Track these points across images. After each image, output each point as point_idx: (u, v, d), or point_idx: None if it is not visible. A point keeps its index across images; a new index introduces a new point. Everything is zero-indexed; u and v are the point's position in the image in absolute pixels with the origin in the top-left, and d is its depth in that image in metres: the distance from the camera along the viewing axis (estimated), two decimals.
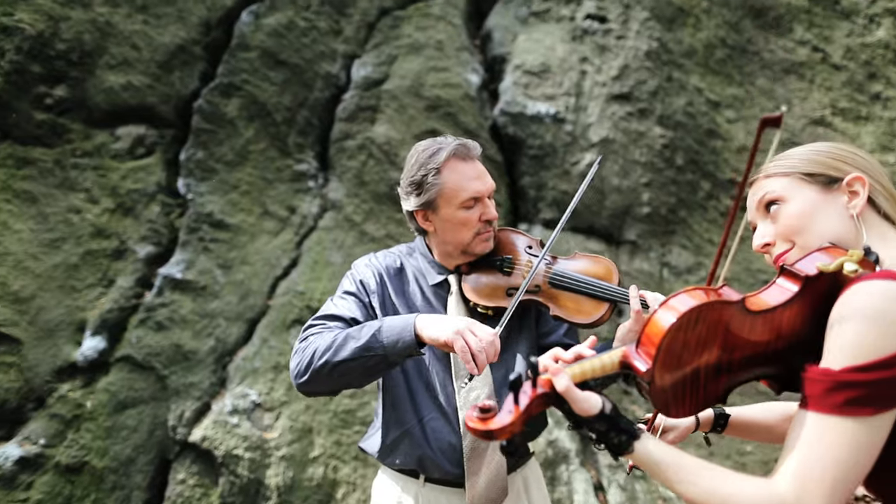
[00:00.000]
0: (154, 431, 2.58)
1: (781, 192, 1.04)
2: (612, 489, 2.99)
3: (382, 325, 1.42)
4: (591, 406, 0.93)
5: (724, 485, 0.89)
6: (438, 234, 1.61)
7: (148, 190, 3.07)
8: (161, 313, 2.79)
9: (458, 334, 1.32)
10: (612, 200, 3.74)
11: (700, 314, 0.93)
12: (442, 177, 1.54)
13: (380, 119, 3.60)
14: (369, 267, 1.66)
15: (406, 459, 1.56)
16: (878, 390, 0.81)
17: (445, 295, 1.63)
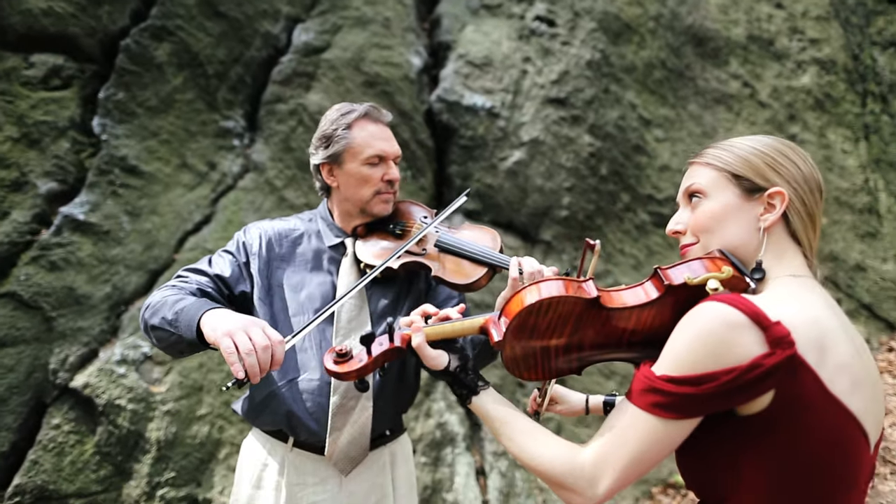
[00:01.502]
0: (33, 373, 2.50)
1: (706, 186, 1.06)
2: (492, 475, 3.12)
3: (186, 307, 1.38)
4: (439, 363, 1.12)
5: (535, 445, 1.02)
6: (341, 191, 1.67)
7: (59, 124, 2.93)
8: (56, 253, 2.69)
9: (227, 335, 1.23)
10: (534, 200, 3.85)
11: (552, 304, 1.02)
12: (351, 133, 1.63)
13: (315, 87, 3.56)
14: (258, 230, 1.70)
15: (274, 419, 1.59)
16: (684, 401, 0.90)
17: (340, 258, 1.68)
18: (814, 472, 0.89)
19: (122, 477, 2.50)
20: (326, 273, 1.66)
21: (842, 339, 0.92)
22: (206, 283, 1.58)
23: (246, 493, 1.62)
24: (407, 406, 1.76)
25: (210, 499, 2.59)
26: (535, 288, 1.05)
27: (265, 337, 1.22)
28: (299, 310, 1.61)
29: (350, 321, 1.62)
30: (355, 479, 1.62)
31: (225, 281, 1.60)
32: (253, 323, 1.26)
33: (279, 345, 1.23)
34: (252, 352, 1.20)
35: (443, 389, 3.21)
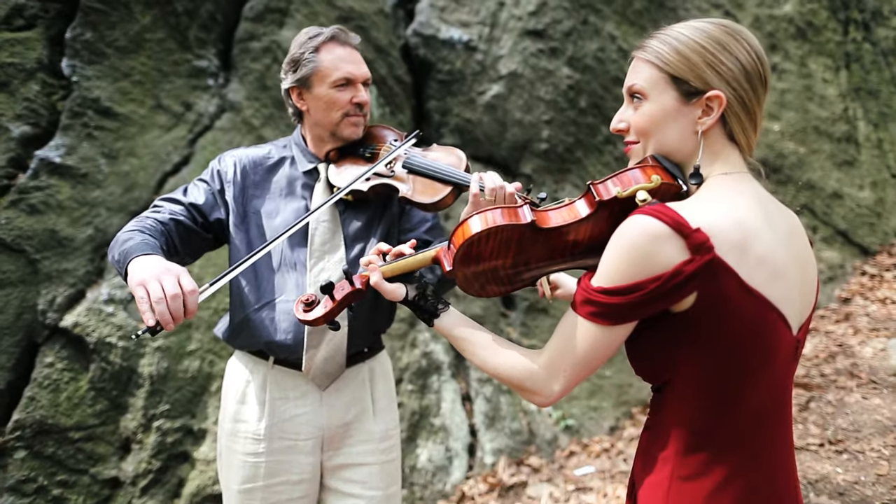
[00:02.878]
0: (22, 314, 2.54)
1: (646, 87, 1.07)
2: (478, 400, 3.24)
3: (127, 249, 1.39)
4: (397, 294, 1.22)
5: (496, 356, 1.13)
6: (311, 115, 1.69)
7: (26, 66, 2.88)
8: (35, 196, 2.69)
9: (140, 284, 1.24)
10: (513, 134, 3.86)
11: (491, 233, 1.09)
12: (318, 56, 1.64)
13: (288, 23, 3.49)
14: (233, 158, 1.73)
15: (252, 341, 1.65)
16: (616, 310, 0.98)
17: (313, 183, 1.71)
18: (734, 356, 0.98)
19: (118, 410, 2.58)
20: (300, 199, 1.70)
21: (764, 234, 0.99)
22: (180, 211, 1.62)
23: (232, 408, 1.70)
24: (384, 326, 1.82)
25: (205, 429, 2.69)
26: (477, 217, 1.11)
27: (177, 286, 1.23)
28: (273, 235, 1.64)
29: (323, 244, 1.67)
30: (335, 393, 1.70)
31: (199, 209, 1.65)
32: (167, 271, 1.26)
33: (191, 294, 1.24)
34: (162, 300, 1.21)
35: None
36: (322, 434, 1.69)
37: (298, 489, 1.69)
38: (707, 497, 0.99)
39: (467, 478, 3.05)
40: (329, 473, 1.73)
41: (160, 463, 2.58)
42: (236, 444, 1.68)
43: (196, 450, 2.65)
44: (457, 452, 3.06)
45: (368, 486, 1.72)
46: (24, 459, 2.40)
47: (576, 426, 3.40)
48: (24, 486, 2.37)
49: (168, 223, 1.57)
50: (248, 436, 1.67)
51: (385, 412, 1.78)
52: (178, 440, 2.63)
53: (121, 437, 2.57)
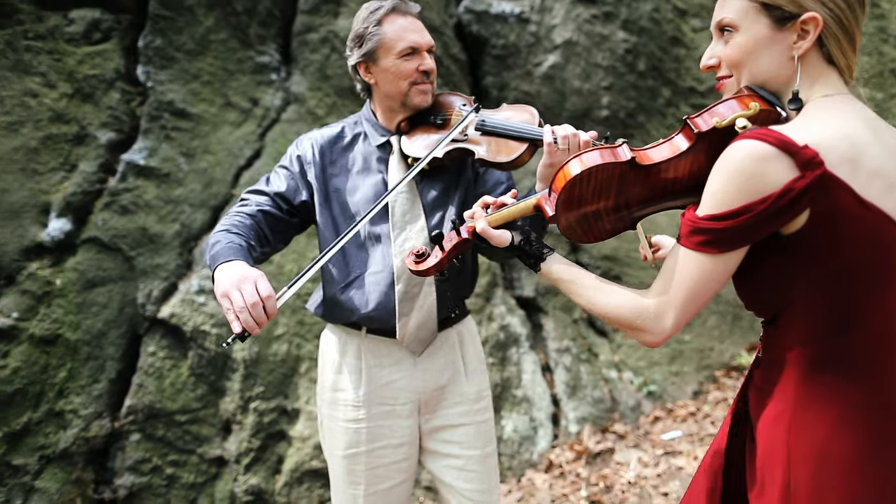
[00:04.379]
0: (124, 308, 2.70)
1: (736, 19, 1.05)
2: (558, 370, 3.25)
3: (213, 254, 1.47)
4: (503, 241, 1.24)
5: (603, 296, 1.13)
6: (379, 88, 1.71)
7: (106, 76, 3.04)
8: (126, 198, 2.84)
9: (223, 295, 1.33)
10: (573, 102, 3.81)
11: (592, 173, 1.10)
12: (382, 28, 1.66)
13: (343, 13, 3.55)
14: (309, 140, 1.78)
15: (346, 315, 1.71)
16: (725, 235, 0.97)
17: (387, 156, 1.74)
18: (854, 274, 0.96)
19: (217, 394, 2.72)
20: (377, 172, 1.74)
21: (874, 148, 0.96)
22: (266, 201, 1.69)
23: (330, 378, 1.76)
24: (468, 291, 1.85)
25: (298, 408, 2.80)
26: (577, 160, 1.11)
27: (255, 294, 1.31)
28: (357, 211, 1.71)
29: (404, 214, 1.70)
30: (428, 358, 1.74)
31: (283, 196, 1.71)
32: (244, 279, 1.33)
33: (269, 300, 1.32)
34: (244, 309, 1.30)
35: (502, 294, 3.32)
36: (418, 398, 1.74)
37: (400, 452, 1.75)
38: (835, 423, 0.97)
39: (553, 447, 3.07)
40: (427, 436, 1.78)
41: (259, 442, 2.70)
42: (337, 412, 1.75)
43: (292, 428, 2.77)
44: (541, 422, 3.08)
45: (466, 446, 1.76)
46: (138, 442, 2.56)
47: (658, 392, 3.36)
48: (142, 466, 2.54)
49: (256, 215, 1.64)
50: (347, 403, 1.73)
51: (476, 374, 1.82)
52: (274, 420, 2.75)
53: (221, 419, 2.71)
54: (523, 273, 3.44)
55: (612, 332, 3.50)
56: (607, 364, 3.38)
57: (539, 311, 3.41)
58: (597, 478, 2.86)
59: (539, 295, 3.41)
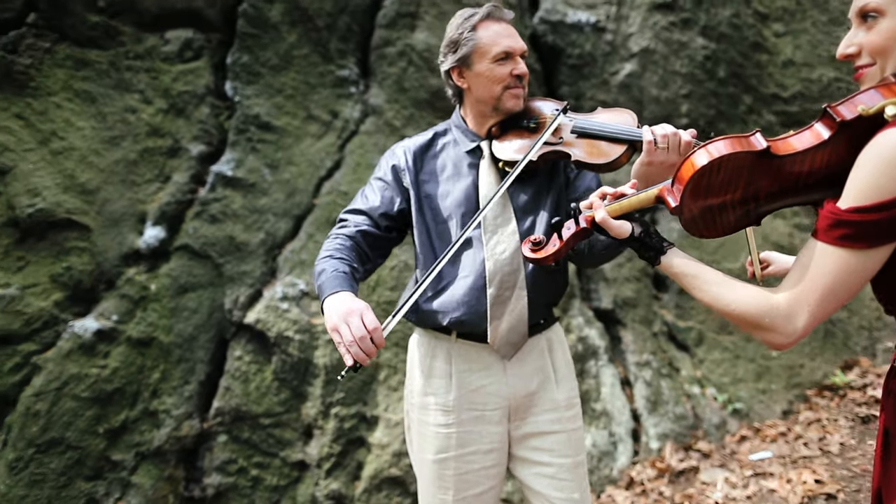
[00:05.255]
0: (213, 313, 2.80)
1: (883, 3, 1.01)
2: (638, 384, 3.15)
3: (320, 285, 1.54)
4: (623, 231, 1.20)
5: (730, 291, 1.07)
6: (472, 92, 1.73)
7: (198, 92, 3.19)
8: (214, 207, 2.96)
9: (333, 330, 1.39)
10: (651, 111, 3.74)
11: (723, 162, 1.05)
12: (476, 34, 1.68)
13: (419, 26, 3.61)
14: (402, 148, 1.81)
15: (437, 319, 1.71)
16: (873, 228, 0.91)
17: (478, 161, 1.75)
18: None
19: (300, 399, 2.78)
20: (467, 177, 1.75)
21: None
22: (363, 220, 1.73)
23: (419, 382, 1.77)
24: (557, 298, 1.84)
25: (377, 415, 2.82)
26: (704, 151, 1.07)
27: (362, 327, 1.35)
28: (449, 216, 1.73)
29: (495, 218, 1.70)
30: (518, 363, 1.73)
31: (380, 212, 1.74)
32: (351, 313, 1.38)
33: (375, 332, 1.36)
34: (353, 343, 1.35)
35: (579, 306, 3.26)
36: (508, 404, 1.73)
37: (489, 458, 1.73)
38: None
39: (633, 463, 2.97)
40: (516, 443, 1.76)
41: (340, 447, 2.74)
42: (427, 416, 1.75)
43: (371, 435, 2.79)
44: (621, 437, 2.99)
45: (557, 453, 1.73)
46: (225, 443, 2.64)
47: (744, 410, 3.21)
48: (228, 467, 2.61)
49: (355, 236, 1.69)
50: (437, 408, 1.73)
51: (566, 381, 1.80)
52: (354, 426, 2.78)
53: (303, 424, 2.76)
54: (601, 284, 3.38)
55: (694, 347, 3.38)
56: (689, 379, 3.26)
57: (617, 323, 3.33)
58: (681, 497, 2.74)
59: (617, 307, 3.33)
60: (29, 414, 2.50)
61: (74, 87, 3.05)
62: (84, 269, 2.76)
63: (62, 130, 2.95)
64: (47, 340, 2.64)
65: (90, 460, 2.53)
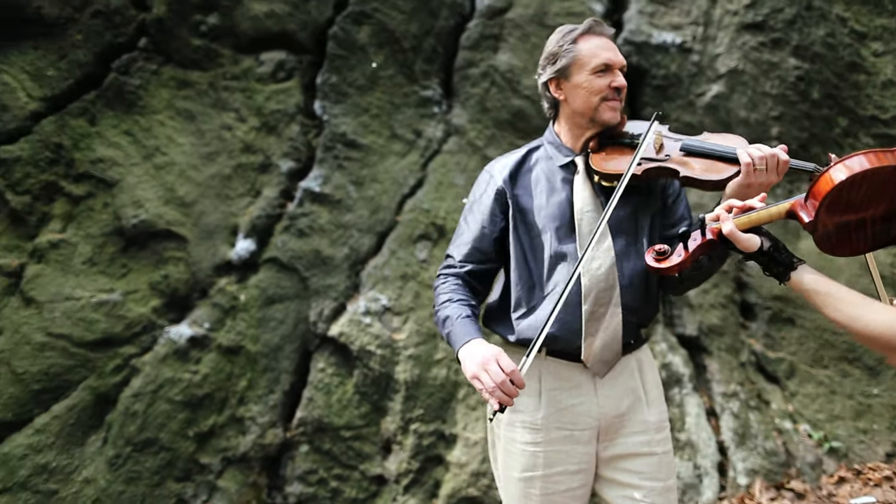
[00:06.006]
0: (298, 325, 2.88)
1: None
2: (724, 416, 3.02)
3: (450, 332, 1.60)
4: (752, 244, 1.19)
5: (868, 312, 1.03)
6: (568, 104, 1.72)
7: (288, 111, 3.32)
8: (302, 222, 3.06)
9: (474, 378, 1.45)
10: (739, 133, 3.61)
11: (866, 176, 1.01)
12: (577, 46, 1.69)
13: (503, 47, 3.65)
14: (497, 164, 1.83)
15: (530, 334, 1.68)
16: None
17: (572, 176, 1.74)
18: None
19: (379, 413, 2.80)
20: (561, 192, 1.74)
21: None
22: (468, 255, 1.75)
23: None
24: (648, 320, 1.80)
25: (455, 434, 2.81)
26: (842, 166, 1.04)
27: (500, 372, 1.42)
28: (542, 230, 1.72)
29: (590, 233, 1.67)
30: (609, 383, 1.69)
31: (482, 238, 1.75)
32: (487, 361, 1.45)
33: (514, 374, 1.42)
34: (495, 389, 1.41)
35: (663, 331, 3.16)
36: (598, 424, 1.70)
37: (576, 479, 1.70)
38: None
39: (720, 498, 2.84)
40: (604, 464, 1.72)
41: (418, 464, 2.74)
42: (514, 433, 1.73)
43: (449, 453, 2.78)
44: (706, 470, 2.87)
45: (647, 476, 1.68)
46: (307, 453, 2.69)
47: (843, 449, 3.02)
48: (309, 477, 2.66)
49: (464, 275, 1.74)
50: (525, 425, 1.71)
51: (657, 402, 1.76)
52: (433, 443, 2.78)
53: (382, 438, 2.78)
54: (685, 310, 3.27)
55: (785, 379, 3.21)
56: (780, 413, 3.10)
57: (702, 350, 3.21)
58: None
59: (702, 334, 3.22)
60: (127, 414, 2.63)
61: (176, 106, 3.23)
62: (180, 277, 2.89)
63: (164, 146, 3.13)
64: (145, 344, 2.77)
65: (180, 462, 2.62)
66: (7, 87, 3.07)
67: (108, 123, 3.13)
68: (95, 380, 2.67)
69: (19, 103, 3.06)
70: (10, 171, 2.93)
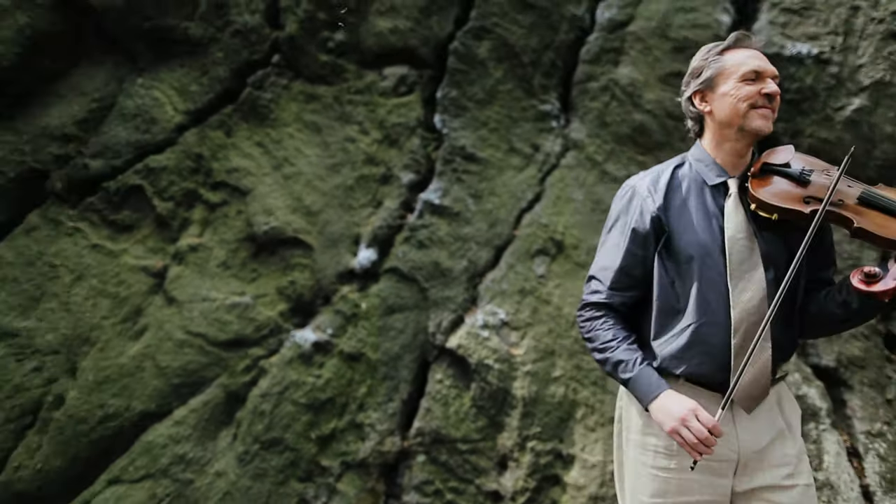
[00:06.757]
0: (417, 335, 2.92)
1: None
2: (868, 457, 2.78)
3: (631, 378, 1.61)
4: None
5: None
6: (714, 115, 1.65)
7: (409, 124, 3.39)
8: (422, 233, 3.11)
9: (673, 432, 1.51)
10: (884, 150, 3.36)
11: None
12: (723, 58, 1.65)
13: (624, 61, 3.57)
14: (639, 181, 1.75)
15: (669, 363, 1.63)
16: None
17: (722, 199, 1.65)
18: None
19: (496, 428, 2.78)
20: (711, 216, 1.65)
21: None
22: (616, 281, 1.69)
23: (637, 420, 1.69)
24: (790, 354, 1.72)
25: (573, 454, 2.75)
26: None
27: (702, 428, 1.47)
28: (691, 255, 1.64)
29: (741, 263, 1.60)
30: (749, 416, 1.61)
31: (633, 265, 1.69)
32: (686, 418, 1.49)
33: (715, 428, 1.47)
34: (697, 444, 1.48)
35: (796, 360, 2.96)
36: (737, 458, 1.61)
37: None
38: None
39: None
40: (742, 497, 1.63)
41: (535, 483, 2.69)
42: (645, 456, 1.67)
43: (567, 474, 2.72)
44: None
45: None
46: (424, 463, 2.71)
47: None
48: (425, 487, 2.67)
49: (617, 307, 1.70)
50: (658, 450, 1.65)
51: (797, 435, 1.68)
52: (550, 462, 2.73)
53: (499, 454, 2.76)
54: (820, 340, 3.05)
55: None
56: None
57: (841, 384, 2.98)
58: None
59: (842, 366, 2.98)
60: (256, 412, 2.75)
61: (304, 119, 3.38)
62: (305, 283, 3.00)
63: (293, 157, 3.27)
64: (272, 347, 2.90)
65: (303, 463, 2.71)
66: (157, 102, 3.32)
67: (243, 135, 3.32)
68: (227, 378, 2.82)
69: (167, 116, 3.30)
70: (158, 178, 3.16)
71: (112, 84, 3.39)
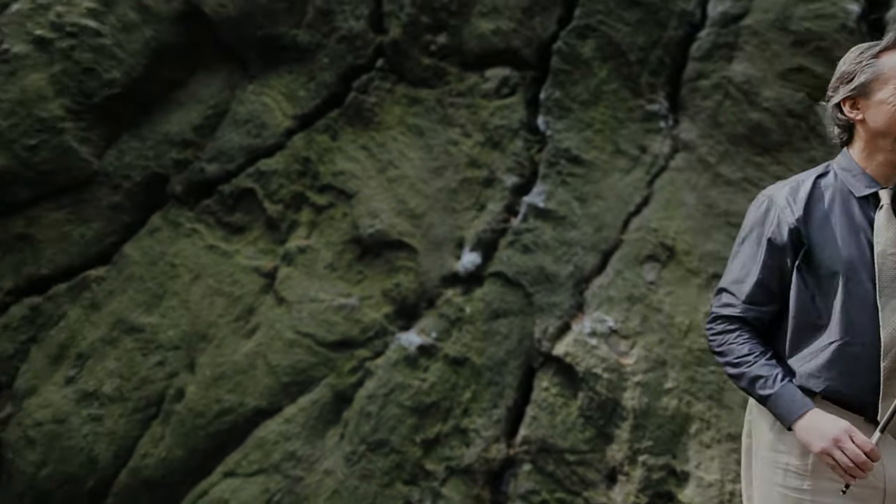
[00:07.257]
0: (522, 341, 2.88)
1: None
2: None
3: (772, 395, 1.50)
4: None
5: None
6: (867, 124, 1.53)
7: (512, 126, 3.35)
8: (526, 237, 3.06)
9: (824, 453, 1.40)
10: None
11: None
12: (879, 61, 1.51)
13: (738, 57, 3.39)
14: (776, 191, 1.62)
15: (808, 382, 1.52)
16: None
17: (872, 212, 1.53)
18: None
19: (605, 440, 2.71)
20: (859, 230, 1.53)
21: None
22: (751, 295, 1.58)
23: (768, 436, 1.58)
24: None
25: (687, 471, 2.63)
26: None
27: (858, 452, 1.38)
28: (835, 271, 1.51)
29: (893, 280, 1.47)
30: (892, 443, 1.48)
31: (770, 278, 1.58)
32: (839, 439, 1.40)
33: (872, 452, 1.38)
34: (852, 468, 1.38)
35: None
36: (883, 487, 1.49)
37: None
38: None
39: None
40: None
41: (647, 499, 2.60)
42: (775, 475, 1.56)
43: (681, 492, 2.61)
44: None
45: None
46: (529, 472, 2.68)
47: None
48: (531, 497, 2.64)
49: (752, 321, 1.60)
50: (789, 469, 1.54)
51: None
52: (663, 478, 2.63)
53: (607, 466, 2.68)
54: None
55: None
56: None
57: None
58: None
59: None
60: (363, 413, 2.79)
61: (407, 122, 3.40)
62: (410, 286, 3.02)
63: (396, 160, 3.31)
64: (378, 349, 2.94)
65: (408, 466, 2.73)
66: (267, 107, 3.44)
67: (348, 139, 3.39)
68: (335, 378, 2.88)
69: (276, 121, 3.41)
70: (269, 182, 3.27)
71: (226, 91, 3.55)
